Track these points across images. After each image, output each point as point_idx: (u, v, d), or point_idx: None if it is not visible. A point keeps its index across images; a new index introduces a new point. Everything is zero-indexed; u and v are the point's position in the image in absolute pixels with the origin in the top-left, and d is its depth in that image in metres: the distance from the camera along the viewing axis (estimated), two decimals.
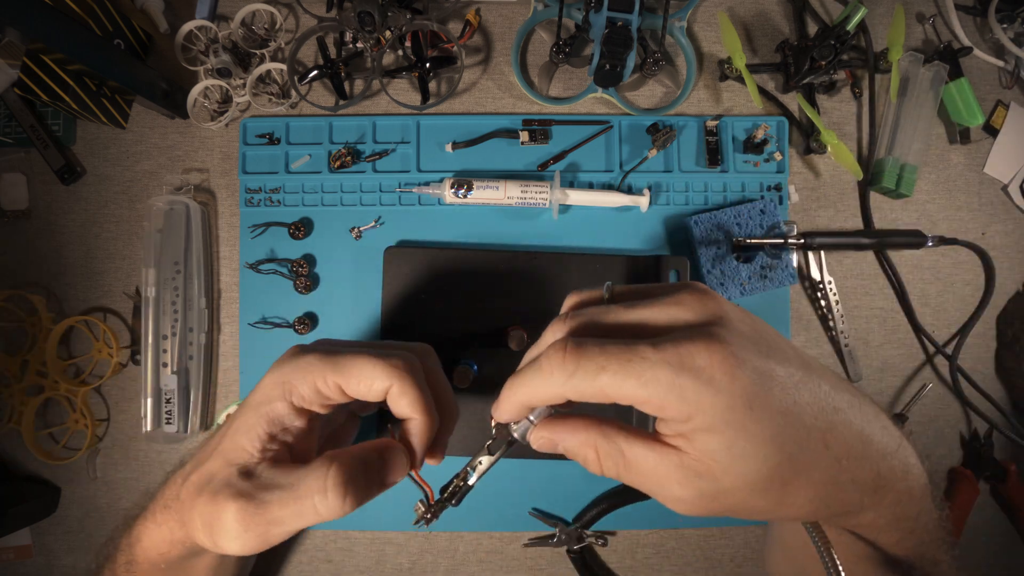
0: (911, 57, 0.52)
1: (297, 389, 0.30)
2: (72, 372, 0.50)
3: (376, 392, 0.30)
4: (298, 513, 0.28)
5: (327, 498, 0.27)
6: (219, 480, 0.29)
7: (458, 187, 0.48)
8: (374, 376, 0.29)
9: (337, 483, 0.28)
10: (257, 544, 0.29)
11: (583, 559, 0.49)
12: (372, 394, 0.30)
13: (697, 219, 0.49)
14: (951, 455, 0.52)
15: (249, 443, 0.30)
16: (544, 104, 0.52)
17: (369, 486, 0.29)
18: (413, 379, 0.30)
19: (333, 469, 0.28)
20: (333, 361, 0.30)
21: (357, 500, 0.28)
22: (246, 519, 0.28)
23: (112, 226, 0.51)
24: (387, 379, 0.30)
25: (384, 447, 0.30)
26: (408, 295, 0.48)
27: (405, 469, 0.30)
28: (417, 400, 0.30)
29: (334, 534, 0.49)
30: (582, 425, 0.25)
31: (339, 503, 0.28)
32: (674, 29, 0.51)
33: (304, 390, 0.30)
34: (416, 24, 0.48)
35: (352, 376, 0.29)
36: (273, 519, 0.28)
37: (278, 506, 0.28)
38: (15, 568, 0.48)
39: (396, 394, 0.30)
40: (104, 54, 0.43)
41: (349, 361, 0.30)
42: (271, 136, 0.50)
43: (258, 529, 0.28)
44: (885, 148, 0.52)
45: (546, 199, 0.48)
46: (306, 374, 0.30)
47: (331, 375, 0.29)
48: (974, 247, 0.50)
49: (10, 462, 0.49)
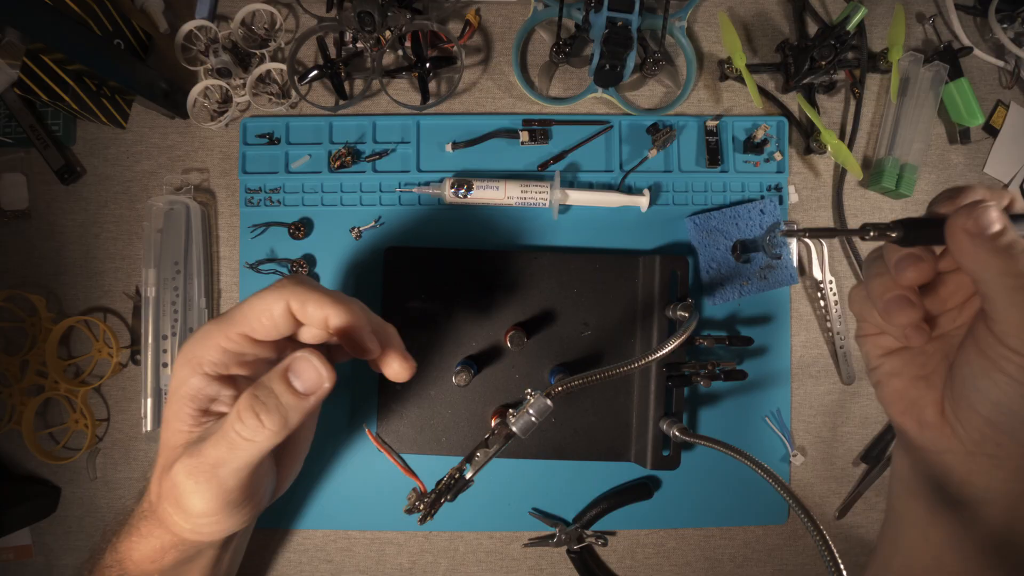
0: (911, 57, 0.52)
1: (204, 358, 0.30)
2: (72, 372, 0.50)
3: (279, 319, 0.29)
4: (230, 446, 0.28)
5: (244, 423, 0.28)
6: (168, 463, 0.30)
7: (458, 187, 0.48)
8: (266, 305, 0.29)
9: (246, 406, 0.28)
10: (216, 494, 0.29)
11: (583, 559, 0.49)
12: (277, 323, 0.29)
13: (697, 219, 0.49)
14: None
15: (182, 425, 0.31)
16: (544, 104, 0.52)
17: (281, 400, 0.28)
18: (304, 286, 0.29)
19: (242, 397, 0.28)
20: (226, 317, 0.30)
21: (272, 416, 0.28)
22: (192, 470, 0.29)
23: (112, 226, 0.51)
24: (279, 299, 0.29)
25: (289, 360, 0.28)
26: (408, 295, 0.48)
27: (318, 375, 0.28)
28: (320, 297, 0.29)
29: (334, 534, 0.49)
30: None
31: (256, 423, 0.28)
32: (674, 29, 0.51)
33: (211, 355, 0.30)
34: (416, 24, 0.48)
35: (247, 318, 0.29)
36: (213, 461, 0.28)
37: (211, 447, 0.28)
38: (15, 568, 0.48)
39: (298, 307, 0.29)
40: (104, 54, 0.43)
41: (239, 308, 0.30)
42: (271, 136, 0.50)
43: (205, 475, 0.29)
44: (885, 148, 0.52)
45: (546, 199, 0.48)
46: (206, 340, 0.30)
47: (230, 328, 0.29)
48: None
49: (10, 462, 0.49)
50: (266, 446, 0.28)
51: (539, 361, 0.48)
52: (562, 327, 0.48)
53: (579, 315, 0.48)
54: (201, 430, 0.31)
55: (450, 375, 0.47)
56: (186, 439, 0.31)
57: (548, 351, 0.48)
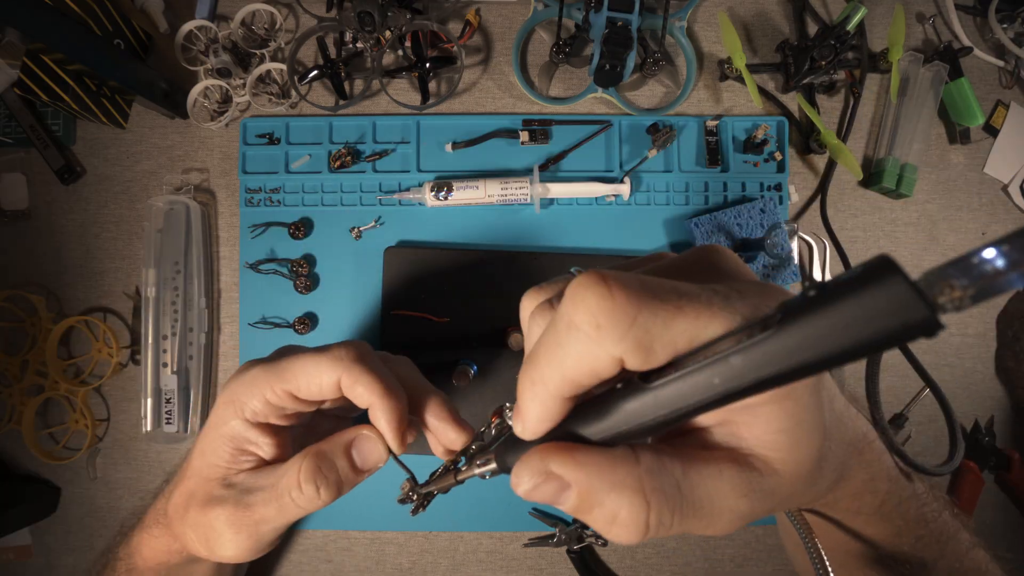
0: (911, 57, 0.52)
1: (247, 405, 0.29)
2: (72, 372, 0.50)
3: (327, 388, 0.29)
4: (280, 509, 0.29)
5: (302, 491, 0.28)
6: (202, 494, 0.30)
7: (438, 190, 0.48)
8: (318, 372, 0.28)
9: (308, 476, 0.28)
10: (251, 546, 0.30)
11: (583, 559, 0.49)
12: (324, 392, 0.29)
13: (698, 221, 0.49)
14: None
15: (219, 460, 0.30)
16: (544, 104, 0.52)
17: (340, 475, 0.29)
18: (361, 364, 0.29)
19: (304, 463, 0.29)
20: (275, 369, 0.29)
21: (331, 490, 0.29)
22: (236, 522, 0.29)
23: (112, 226, 0.51)
24: (332, 371, 0.28)
25: (354, 435, 0.30)
26: (408, 295, 0.48)
27: (379, 454, 0.29)
28: (372, 382, 0.29)
29: (334, 534, 0.49)
30: (619, 457, 0.16)
31: (313, 494, 0.28)
32: (674, 29, 0.51)
33: (254, 404, 0.29)
34: (416, 24, 0.48)
35: (297, 379, 0.29)
36: (259, 518, 0.29)
37: (262, 505, 0.29)
38: (15, 568, 0.48)
39: (348, 385, 0.29)
40: (104, 54, 0.43)
41: (290, 364, 0.29)
42: (271, 136, 0.50)
43: (248, 530, 0.29)
44: (885, 148, 0.52)
45: (526, 194, 0.48)
46: (252, 388, 0.29)
47: (276, 384, 0.29)
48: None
49: (10, 462, 0.49)
50: (313, 511, 0.29)
51: None
52: None
53: None
54: (237, 469, 0.31)
55: (450, 375, 0.47)
56: (222, 474, 0.30)
57: None
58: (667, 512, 0.16)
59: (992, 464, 0.51)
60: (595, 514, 0.16)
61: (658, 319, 0.15)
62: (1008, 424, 0.52)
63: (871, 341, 0.12)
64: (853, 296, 0.12)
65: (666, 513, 0.16)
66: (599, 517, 0.16)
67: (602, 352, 0.15)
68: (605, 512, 0.16)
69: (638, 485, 0.16)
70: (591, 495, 0.16)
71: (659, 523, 0.16)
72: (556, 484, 0.16)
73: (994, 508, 0.52)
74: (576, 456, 0.16)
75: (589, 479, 0.16)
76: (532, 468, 0.17)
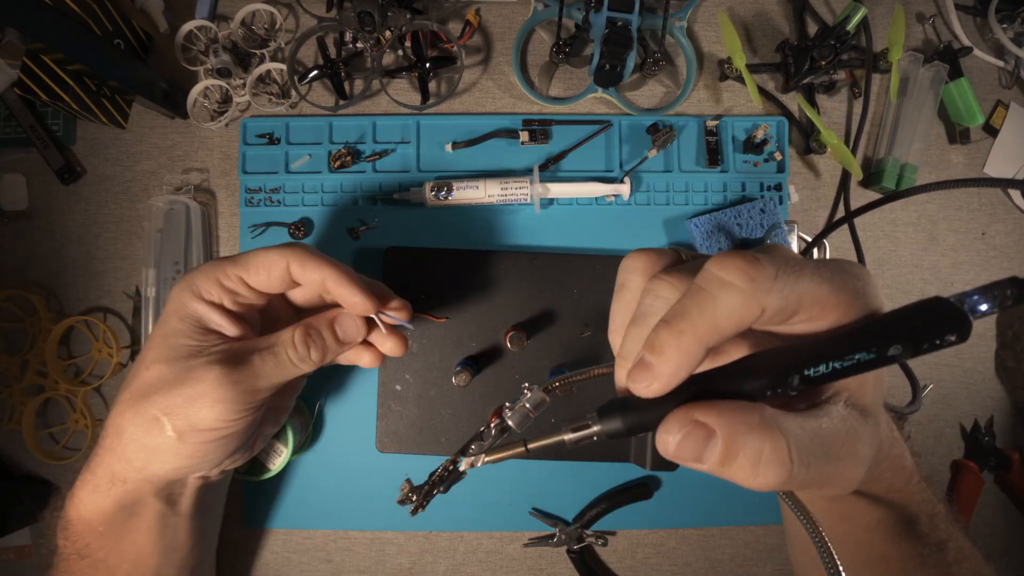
0: (911, 57, 0.52)
1: (201, 286, 0.32)
2: (72, 372, 0.50)
3: (276, 276, 0.33)
4: (276, 364, 0.33)
5: (297, 351, 0.33)
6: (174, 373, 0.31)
7: (438, 190, 0.48)
8: (269, 259, 0.33)
9: (302, 339, 0.33)
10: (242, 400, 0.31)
11: (583, 559, 0.49)
12: (273, 279, 0.33)
13: (698, 221, 0.49)
14: (952, 454, 0.52)
15: (185, 339, 0.32)
16: (544, 104, 0.52)
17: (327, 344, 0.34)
18: (307, 251, 0.33)
19: (297, 329, 0.34)
20: (228, 258, 0.33)
21: (319, 353, 0.34)
22: (233, 375, 0.31)
23: (112, 226, 0.51)
24: (282, 258, 0.33)
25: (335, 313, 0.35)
26: (408, 295, 0.48)
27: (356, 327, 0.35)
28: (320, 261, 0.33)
29: (334, 534, 0.49)
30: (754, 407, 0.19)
31: (306, 353, 0.33)
32: (674, 29, 0.51)
33: (207, 285, 0.32)
34: (416, 24, 0.48)
35: (248, 266, 0.33)
36: (258, 372, 0.32)
37: (260, 360, 0.32)
38: (15, 568, 0.48)
39: (298, 267, 0.33)
40: (104, 54, 0.43)
41: (242, 255, 0.33)
42: (271, 136, 0.50)
43: (246, 383, 0.32)
44: (885, 148, 0.52)
45: (526, 194, 0.48)
46: (205, 272, 0.33)
47: (230, 268, 0.33)
48: None
49: (10, 462, 0.49)
50: (300, 373, 0.34)
51: (539, 361, 0.48)
52: (562, 327, 0.48)
53: (579, 315, 0.48)
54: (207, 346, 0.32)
55: (450, 375, 0.47)
56: (192, 351, 0.32)
57: (548, 351, 0.48)
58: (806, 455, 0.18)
59: (992, 464, 0.51)
60: (740, 460, 0.18)
61: (790, 277, 0.19)
62: (1008, 424, 0.52)
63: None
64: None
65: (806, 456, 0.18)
66: (745, 461, 0.18)
67: (754, 302, 0.18)
68: (750, 453, 0.18)
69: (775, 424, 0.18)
70: (735, 439, 0.18)
71: (800, 459, 0.18)
72: (702, 434, 0.18)
73: (994, 508, 0.52)
74: (717, 406, 0.19)
75: (733, 423, 0.18)
76: (680, 419, 0.19)
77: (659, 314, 0.20)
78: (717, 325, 0.19)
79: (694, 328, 0.19)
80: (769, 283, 0.18)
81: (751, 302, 0.18)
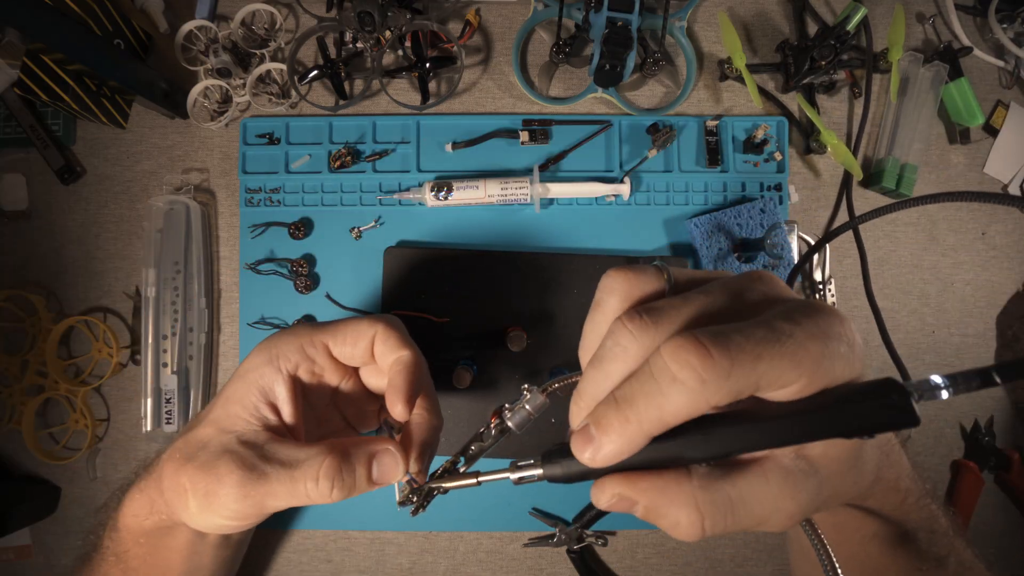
0: (911, 57, 0.52)
1: (283, 353, 0.31)
2: (72, 372, 0.50)
3: (363, 346, 0.32)
4: (291, 492, 0.29)
5: (317, 485, 0.29)
6: (215, 446, 0.30)
7: (438, 190, 0.48)
8: (358, 329, 0.32)
9: (327, 473, 0.29)
10: (250, 514, 0.30)
11: (583, 559, 0.49)
12: (358, 351, 0.32)
13: (698, 221, 0.49)
14: (952, 454, 0.52)
15: (243, 411, 0.31)
16: (544, 104, 0.52)
17: (356, 481, 0.30)
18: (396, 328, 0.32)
19: (328, 460, 0.29)
20: (317, 324, 0.33)
21: (343, 492, 0.30)
22: (247, 487, 0.29)
23: (112, 226, 0.51)
24: (371, 328, 0.32)
25: (379, 448, 0.30)
26: (408, 295, 0.48)
27: (397, 473, 0.30)
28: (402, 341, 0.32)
29: (334, 534, 0.49)
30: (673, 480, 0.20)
31: (327, 491, 0.29)
32: (674, 29, 0.51)
33: (290, 353, 0.31)
34: (416, 24, 0.48)
35: (336, 334, 0.32)
36: (269, 491, 0.29)
37: (276, 481, 0.29)
38: (15, 568, 0.48)
39: (381, 340, 0.32)
40: (104, 54, 0.43)
41: (330, 322, 0.33)
42: (271, 136, 0.50)
43: (255, 499, 0.29)
44: (885, 148, 0.52)
45: (526, 194, 0.48)
46: (291, 337, 0.32)
47: (317, 335, 0.32)
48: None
49: (10, 462, 0.49)
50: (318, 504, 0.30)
51: (539, 361, 0.48)
52: (562, 327, 0.48)
53: (579, 315, 0.47)
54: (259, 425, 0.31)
55: (450, 375, 0.47)
56: (243, 427, 0.31)
57: (548, 351, 0.48)
58: (719, 518, 0.20)
59: (992, 464, 0.51)
60: (660, 523, 0.20)
61: (745, 368, 0.18)
62: (1008, 424, 0.52)
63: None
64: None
65: (719, 519, 0.20)
66: (664, 525, 0.20)
67: (702, 401, 0.18)
68: (668, 521, 0.20)
69: (692, 500, 0.19)
70: (655, 510, 0.20)
71: (714, 526, 0.20)
72: (627, 503, 0.20)
73: (994, 508, 0.52)
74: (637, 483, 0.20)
75: (651, 499, 0.20)
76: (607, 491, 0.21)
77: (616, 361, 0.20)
78: (664, 420, 0.19)
79: (639, 420, 0.19)
80: (720, 382, 0.18)
81: (699, 401, 0.18)
